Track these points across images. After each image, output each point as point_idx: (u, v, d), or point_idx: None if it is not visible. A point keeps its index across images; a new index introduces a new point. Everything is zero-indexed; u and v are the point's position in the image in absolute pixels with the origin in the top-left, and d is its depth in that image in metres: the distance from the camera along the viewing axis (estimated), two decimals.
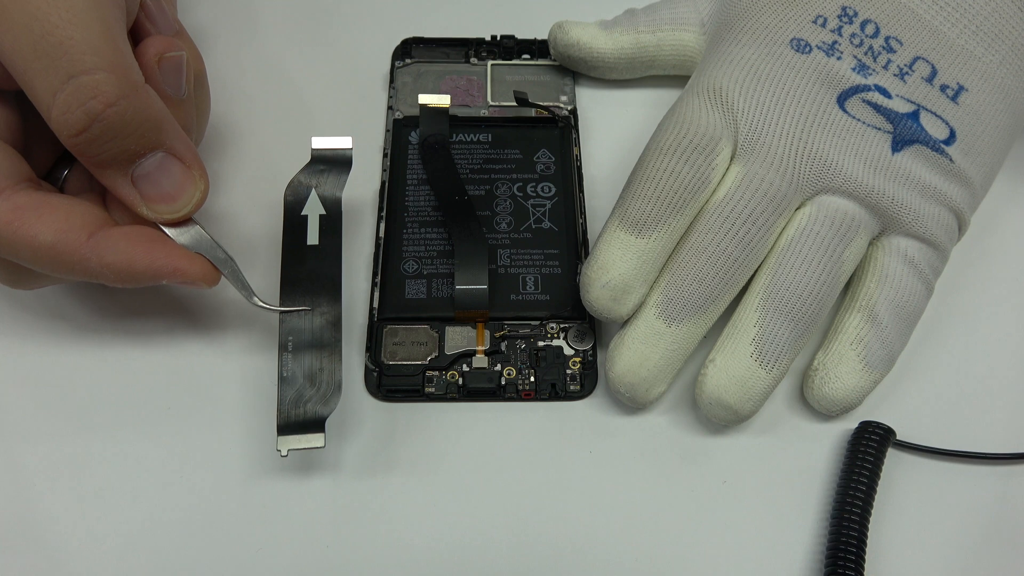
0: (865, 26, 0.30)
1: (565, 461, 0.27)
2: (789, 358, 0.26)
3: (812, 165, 0.28)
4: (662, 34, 0.34)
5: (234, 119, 0.35)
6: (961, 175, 0.29)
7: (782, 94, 0.29)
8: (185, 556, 0.25)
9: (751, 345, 0.26)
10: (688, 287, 0.26)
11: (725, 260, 0.27)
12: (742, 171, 0.28)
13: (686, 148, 0.28)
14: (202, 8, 0.38)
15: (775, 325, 0.26)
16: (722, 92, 0.29)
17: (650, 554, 0.25)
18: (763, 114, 0.29)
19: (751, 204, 0.27)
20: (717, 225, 0.27)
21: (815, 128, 0.28)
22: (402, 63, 0.36)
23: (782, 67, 0.29)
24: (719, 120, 0.29)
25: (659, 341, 0.26)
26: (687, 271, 0.27)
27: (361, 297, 0.30)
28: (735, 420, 0.26)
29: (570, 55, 0.35)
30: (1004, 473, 0.27)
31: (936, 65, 0.29)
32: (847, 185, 0.28)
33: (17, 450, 0.27)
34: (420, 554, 0.25)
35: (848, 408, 0.27)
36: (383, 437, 0.27)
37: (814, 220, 0.28)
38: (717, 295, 0.27)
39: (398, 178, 0.32)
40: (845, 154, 0.28)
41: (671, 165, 0.27)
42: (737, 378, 0.26)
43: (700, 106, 0.29)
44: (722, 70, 0.30)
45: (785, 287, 0.27)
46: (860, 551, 0.24)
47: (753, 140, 0.28)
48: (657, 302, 0.27)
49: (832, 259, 0.27)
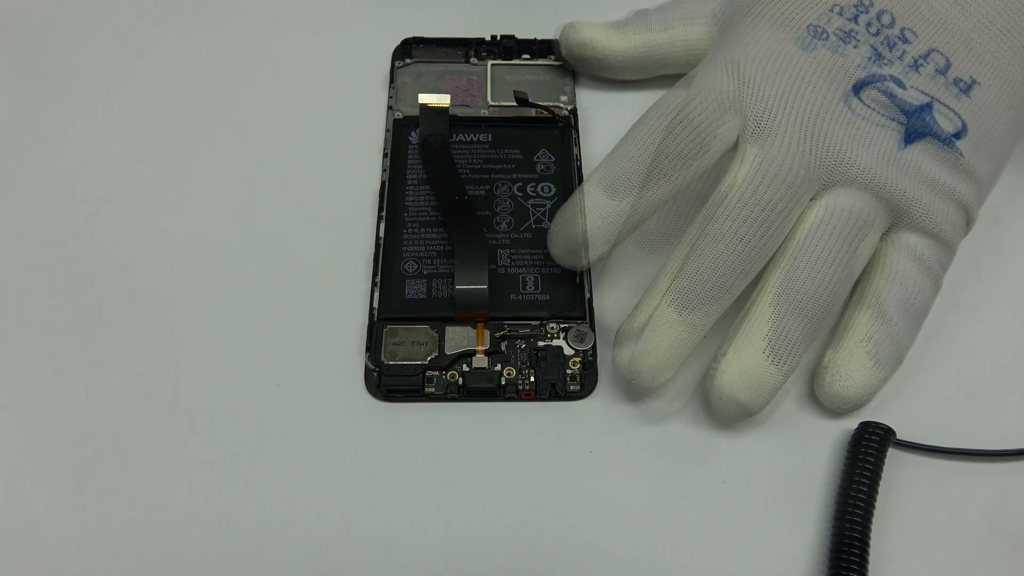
0: (881, 16, 0.30)
1: (565, 461, 0.27)
2: (800, 354, 0.26)
3: (827, 154, 0.28)
4: (673, 31, 0.34)
5: (234, 118, 0.35)
6: (970, 170, 0.29)
7: (798, 79, 0.29)
8: (182, 556, 0.25)
9: (764, 341, 0.26)
10: (704, 275, 0.26)
11: (744, 248, 0.26)
12: (760, 155, 0.27)
13: (692, 109, 0.28)
14: (202, 8, 0.38)
15: (789, 322, 0.26)
16: (740, 65, 0.29)
17: (650, 554, 0.25)
18: (779, 96, 0.28)
19: (771, 190, 0.27)
20: (736, 211, 0.26)
21: (830, 116, 0.28)
22: (402, 63, 0.36)
23: (798, 53, 0.29)
24: (733, 89, 0.28)
25: (669, 329, 0.26)
26: (704, 258, 0.26)
27: (361, 297, 0.30)
28: (744, 416, 0.26)
29: (582, 55, 0.34)
30: (1005, 470, 0.27)
31: (950, 58, 0.29)
32: (861, 176, 0.28)
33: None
34: (420, 554, 0.25)
35: (859, 405, 0.27)
36: (383, 437, 0.27)
37: (831, 214, 0.27)
38: (731, 284, 0.26)
39: (398, 178, 0.32)
40: (859, 144, 0.28)
41: (671, 126, 0.27)
42: (749, 375, 0.26)
43: (714, 73, 0.29)
44: (739, 47, 0.30)
45: (800, 283, 0.26)
46: (863, 553, 0.24)
47: (768, 121, 0.28)
48: (671, 289, 0.26)
49: (847, 254, 0.27)
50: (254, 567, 0.25)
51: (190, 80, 0.36)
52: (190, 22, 0.38)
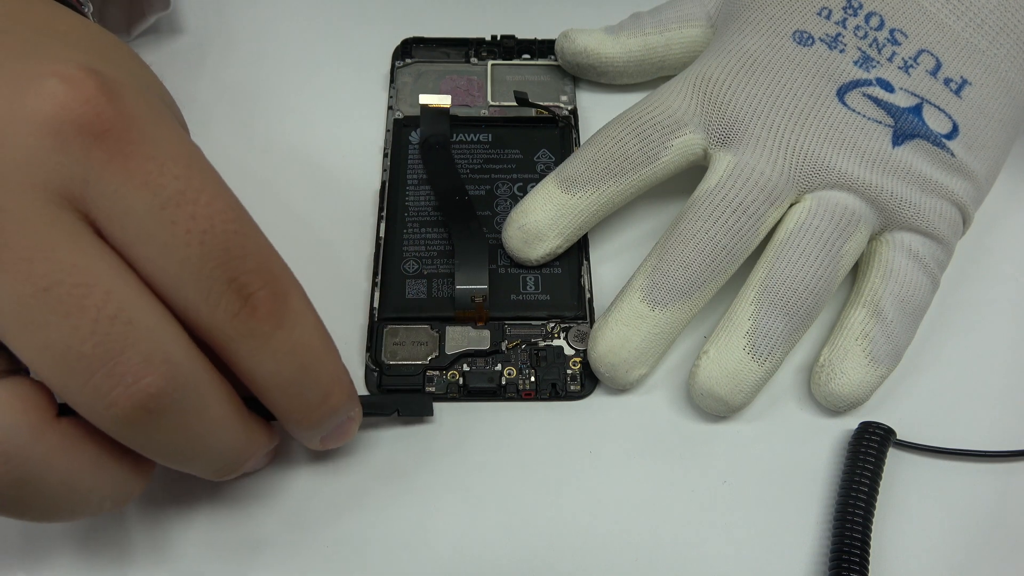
0: (870, 18, 0.30)
1: (565, 461, 0.27)
2: (783, 351, 0.27)
3: (804, 159, 0.28)
4: (670, 33, 0.34)
5: (233, 118, 0.35)
6: (963, 169, 0.29)
7: (777, 87, 0.29)
8: (180, 558, 0.25)
9: (744, 338, 0.26)
10: (674, 273, 0.27)
11: (713, 248, 0.27)
12: (732, 160, 0.28)
13: (644, 122, 0.29)
14: (202, 7, 0.38)
15: (770, 319, 0.26)
16: (710, 81, 0.29)
17: (650, 554, 0.25)
18: (752, 107, 0.29)
19: (742, 193, 0.27)
20: (707, 213, 0.27)
21: (810, 122, 0.28)
22: (402, 63, 0.36)
23: (781, 59, 0.29)
24: (694, 107, 0.29)
25: (642, 324, 0.27)
26: (673, 257, 0.27)
27: (361, 297, 0.30)
28: (727, 411, 0.27)
29: (578, 63, 0.35)
30: (1005, 470, 0.27)
31: (940, 58, 0.29)
32: (843, 180, 0.28)
33: None
34: (419, 553, 0.25)
35: (855, 404, 0.27)
36: (383, 436, 0.27)
37: (813, 214, 0.28)
38: (703, 282, 0.27)
39: (398, 178, 0.32)
40: (841, 149, 0.28)
41: (621, 134, 0.29)
42: (729, 370, 0.26)
43: (679, 90, 0.30)
44: (717, 59, 0.30)
45: (782, 281, 0.27)
46: (864, 553, 0.24)
47: (739, 131, 0.28)
48: (641, 285, 0.27)
49: (831, 253, 0.27)
50: (252, 565, 0.25)
51: (190, 79, 0.36)
52: (190, 22, 0.38)
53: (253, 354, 0.20)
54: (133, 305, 0.19)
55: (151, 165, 0.19)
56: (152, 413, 0.19)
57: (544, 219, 0.29)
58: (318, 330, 0.22)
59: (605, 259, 0.31)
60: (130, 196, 0.19)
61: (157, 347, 0.19)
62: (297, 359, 0.21)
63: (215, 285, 0.20)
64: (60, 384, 0.18)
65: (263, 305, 0.20)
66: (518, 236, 0.29)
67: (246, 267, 0.20)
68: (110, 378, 0.18)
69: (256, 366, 0.21)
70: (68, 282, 0.18)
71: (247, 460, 0.23)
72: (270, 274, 0.20)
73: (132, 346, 0.18)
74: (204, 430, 0.20)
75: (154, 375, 0.19)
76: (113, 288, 0.18)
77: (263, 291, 0.20)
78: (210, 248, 0.19)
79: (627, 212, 0.32)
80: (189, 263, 0.19)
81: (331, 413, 0.23)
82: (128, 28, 0.35)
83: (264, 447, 0.23)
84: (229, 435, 0.21)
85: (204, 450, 0.21)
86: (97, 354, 0.18)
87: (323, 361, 0.22)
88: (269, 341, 0.20)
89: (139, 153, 0.19)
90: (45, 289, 0.18)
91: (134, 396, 0.18)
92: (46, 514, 0.21)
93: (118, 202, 0.19)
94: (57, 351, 0.18)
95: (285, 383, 0.21)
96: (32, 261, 0.18)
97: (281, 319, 0.20)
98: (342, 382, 0.23)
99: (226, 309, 0.20)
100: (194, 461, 0.21)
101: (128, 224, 0.19)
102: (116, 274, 0.19)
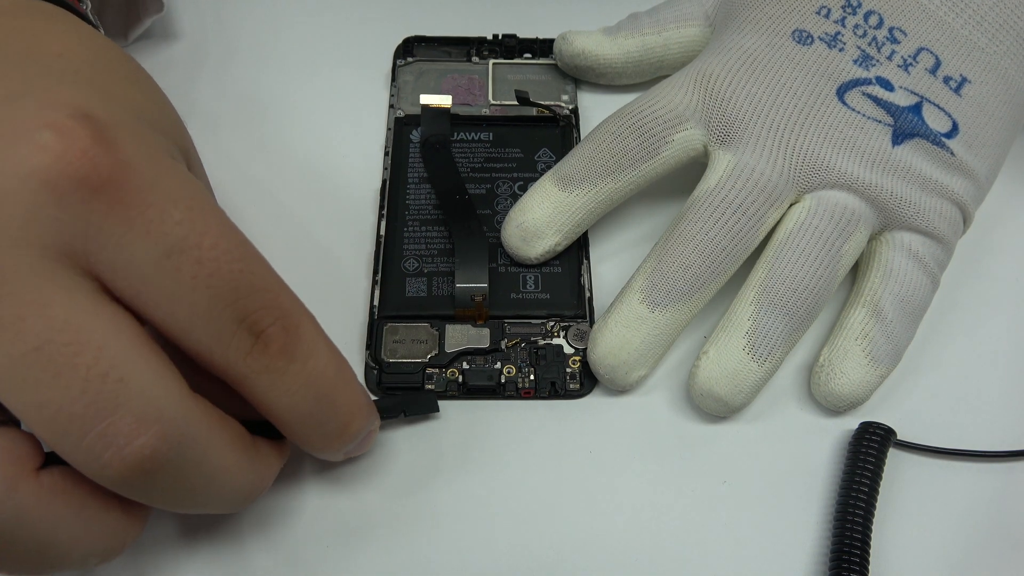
0: (869, 17, 0.30)
1: (564, 460, 0.27)
2: (783, 352, 0.27)
3: (804, 159, 0.28)
4: (667, 33, 0.34)
5: (234, 118, 0.35)
6: (963, 168, 0.29)
7: (776, 86, 0.29)
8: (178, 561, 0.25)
9: (744, 338, 0.26)
10: (673, 274, 0.27)
11: (712, 249, 0.27)
12: (732, 160, 0.28)
13: (645, 116, 0.29)
14: (201, 7, 0.38)
15: (770, 319, 0.26)
16: (711, 78, 0.29)
17: (650, 554, 0.25)
18: (752, 106, 0.29)
19: (741, 194, 0.27)
20: (707, 214, 0.27)
21: (810, 122, 0.28)
22: (403, 61, 0.36)
23: (780, 59, 0.29)
24: (696, 102, 0.29)
25: (641, 325, 0.27)
26: (673, 258, 0.27)
27: (361, 295, 0.30)
28: (727, 411, 0.27)
29: (576, 65, 0.34)
30: (1005, 470, 0.27)
31: (940, 56, 0.29)
32: (842, 180, 0.28)
33: None
34: (419, 553, 0.25)
35: (855, 404, 0.27)
36: (382, 436, 0.27)
37: (813, 214, 0.28)
38: (703, 283, 0.27)
39: (399, 176, 0.32)
40: (840, 149, 0.28)
41: (620, 129, 0.29)
42: (729, 371, 0.26)
43: (681, 85, 0.30)
44: (718, 58, 0.30)
45: (781, 281, 0.27)
46: (864, 553, 0.24)
47: (739, 130, 0.28)
48: (641, 287, 0.27)
49: (830, 253, 0.27)
50: (252, 564, 0.25)
51: (190, 79, 0.36)
52: (188, 23, 0.38)
53: (269, 390, 0.20)
54: (127, 361, 0.18)
55: (152, 212, 0.19)
56: (148, 473, 0.18)
57: (542, 217, 0.29)
58: (333, 359, 0.22)
59: (605, 258, 0.31)
60: (133, 246, 0.19)
61: (150, 405, 0.18)
62: (313, 390, 0.21)
63: (226, 326, 0.19)
64: (53, 443, 0.18)
65: (275, 341, 0.20)
66: (516, 234, 0.29)
67: (255, 304, 0.20)
68: (102, 439, 0.18)
69: (273, 401, 0.20)
70: (59, 340, 0.18)
71: (259, 491, 0.22)
72: (280, 309, 0.20)
73: (124, 405, 0.18)
74: (206, 480, 0.20)
75: (147, 435, 0.18)
76: (106, 344, 0.18)
77: (274, 327, 0.20)
78: (218, 291, 0.19)
79: (627, 211, 0.32)
80: (198, 308, 0.19)
81: (352, 439, 0.23)
82: (125, 33, 0.35)
83: (275, 471, 0.23)
84: (233, 478, 0.21)
85: (208, 497, 0.21)
86: (88, 414, 0.18)
87: (340, 390, 0.22)
88: (284, 376, 0.20)
89: (139, 201, 0.19)
90: (36, 348, 0.17)
91: (127, 458, 0.18)
92: (19, 570, 0.20)
93: (121, 253, 0.19)
94: (49, 411, 0.18)
95: (304, 415, 0.21)
96: (24, 319, 0.18)
97: (294, 353, 0.20)
98: (361, 406, 0.23)
99: (238, 348, 0.20)
100: (200, 507, 0.21)
101: (133, 274, 0.19)
102: (111, 330, 0.18)
